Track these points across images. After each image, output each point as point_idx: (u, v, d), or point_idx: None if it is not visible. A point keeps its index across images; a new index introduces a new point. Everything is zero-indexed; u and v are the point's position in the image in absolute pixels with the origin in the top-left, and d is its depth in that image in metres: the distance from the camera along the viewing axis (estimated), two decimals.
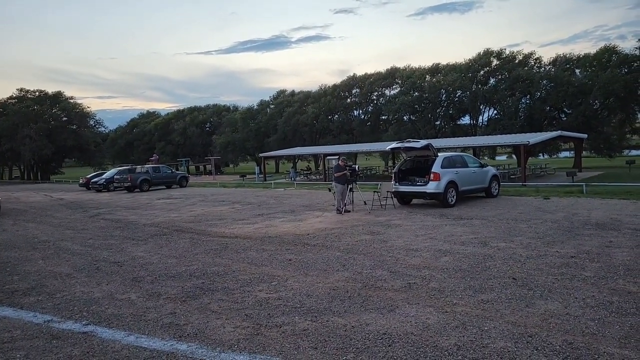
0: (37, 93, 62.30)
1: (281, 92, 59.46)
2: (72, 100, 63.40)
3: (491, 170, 15.44)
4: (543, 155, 48.77)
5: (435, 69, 45.00)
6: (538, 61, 40.53)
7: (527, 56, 40.62)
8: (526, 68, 39.03)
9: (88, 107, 67.52)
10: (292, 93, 57.68)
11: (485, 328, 4.14)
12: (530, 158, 38.72)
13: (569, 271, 5.92)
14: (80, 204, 19.54)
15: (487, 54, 40.96)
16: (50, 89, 74.24)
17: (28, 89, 62.49)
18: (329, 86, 52.91)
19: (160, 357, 3.84)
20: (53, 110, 62.19)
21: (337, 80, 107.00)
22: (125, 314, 4.95)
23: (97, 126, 67.63)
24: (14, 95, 61.85)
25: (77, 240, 10.07)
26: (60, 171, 69.77)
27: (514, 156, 45.01)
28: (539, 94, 37.81)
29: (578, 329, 4.07)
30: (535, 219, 10.30)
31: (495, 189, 15.31)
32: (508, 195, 15.80)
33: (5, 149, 58.37)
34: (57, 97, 62.81)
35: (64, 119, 62.45)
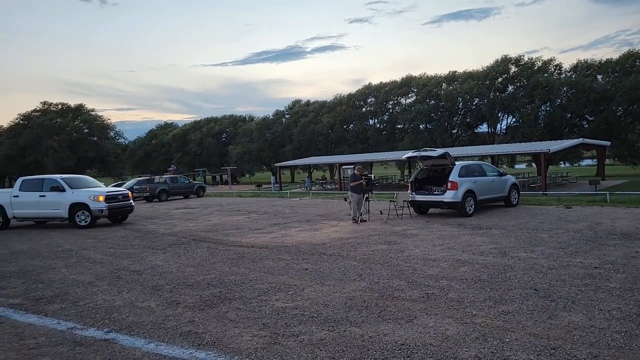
0: (59, 106, 64.07)
1: (296, 102, 59.84)
2: (93, 113, 65.08)
3: (510, 179, 15.25)
4: (564, 163, 47.96)
5: (451, 77, 44.77)
6: (558, 67, 40.04)
7: (547, 62, 40.15)
8: (546, 75, 38.54)
9: (108, 119, 68.95)
10: (307, 103, 58.01)
11: (507, 340, 4.07)
12: (550, 166, 38.16)
13: (593, 282, 5.79)
14: None
15: (505, 60, 40.60)
16: (72, 102, 76.24)
17: (51, 102, 64.32)
18: (344, 95, 53.05)
19: None
20: (75, 123, 63.79)
21: (352, 89, 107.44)
22: (145, 322, 5.01)
23: (117, 137, 69.18)
24: (38, 108, 63.74)
25: (98, 249, 10.24)
26: None
27: (533, 164, 44.33)
28: (559, 100, 37.27)
29: (603, 341, 3.98)
30: (556, 229, 10.12)
31: (515, 198, 15.10)
32: (528, 205, 15.56)
33: (29, 161, 59.94)
34: (79, 109, 64.47)
35: (86, 130, 64.02)
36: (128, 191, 16.45)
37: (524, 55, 41.03)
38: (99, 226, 14.80)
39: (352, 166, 23.48)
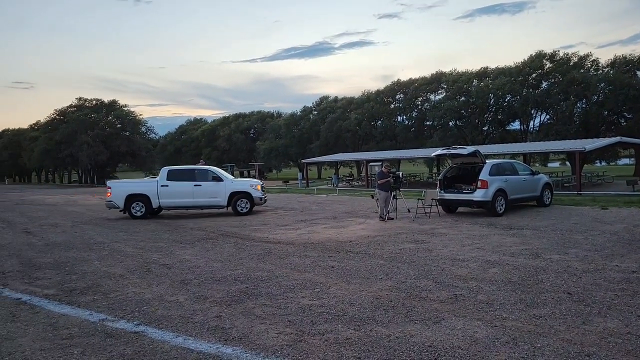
0: (94, 102, 66.02)
1: (324, 99, 59.75)
2: (125, 108, 66.79)
3: (543, 178, 14.83)
4: (600, 162, 46.31)
5: (483, 73, 43.82)
6: (595, 63, 38.58)
7: (583, 58, 38.75)
8: (582, 70, 37.23)
9: (140, 115, 70.60)
10: (335, 99, 57.85)
11: (538, 345, 3.95)
12: (585, 165, 36.91)
13: (630, 287, 5.56)
14: None
15: (540, 56, 39.40)
16: (106, 98, 78.26)
17: (86, 98, 66.30)
18: (372, 92, 52.67)
19: None
20: (108, 118, 65.64)
21: (380, 85, 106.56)
22: (173, 316, 5.09)
23: (148, 133, 70.84)
24: (74, 104, 65.83)
25: (129, 242, 10.49)
26: (114, 176, 73.22)
27: (567, 163, 42.99)
28: (595, 97, 35.99)
29: None
30: (592, 231, 9.78)
31: (548, 198, 14.68)
32: (562, 205, 15.10)
33: (65, 155, 62.04)
34: (112, 105, 66.27)
35: (118, 126, 65.78)
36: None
37: (559, 51, 39.60)
38: (128, 219, 15.17)
39: (380, 163, 23.31)
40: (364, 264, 7.31)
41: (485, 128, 43.32)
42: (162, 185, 15.37)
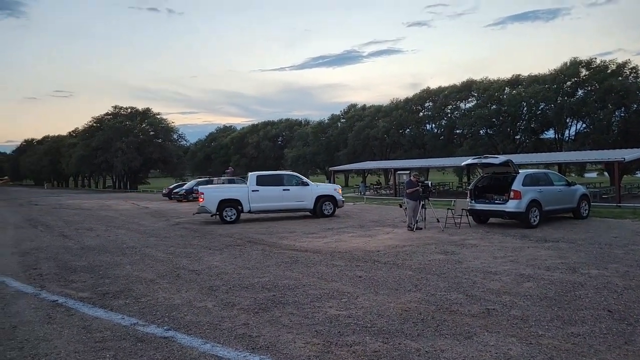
0: (129, 110, 68.07)
1: (352, 107, 59.75)
2: (158, 116, 68.49)
3: (580, 189, 14.32)
4: None
5: (515, 81, 42.92)
6: (634, 71, 37.23)
7: (621, 65, 37.44)
8: (620, 78, 35.99)
9: (172, 122, 72.34)
10: (363, 107, 57.74)
11: None
12: (625, 176, 35.56)
13: None
14: (163, 213, 20.79)
15: (575, 63, 38.32)
16: (140, 106, 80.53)
17: (121, 106, 68.44)
18: (400, 100, 52.32)
19: None
20: (142, 125, 67.46)
21: (408, 93, 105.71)
22: (202, 322, 5.12)
23: (179, 140, 72.43)
24: (110, 112, 68.07)
25: (160, 247, 10.68)
26: (147, 181, 75.14)
27: (606, 174, 41.51)
28: (635, 106, 34.71)
29: None
30: (633, 245, 9.36)
31: (585, 210, 14.16)
32: (600, 217, 14.53)
33: (100, 161, 64.14)
34: (146, 113, 68.14)
35: (151, 133, 67.52)
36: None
37: (595, 58, 38.44)
38: (160, 225, 15.46)
39: (408, 172, 23.05)
40: (392, 275, 7.20)
41: (518, 137, 42.32)
42: (252, 190, 15.92)
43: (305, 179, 17.10)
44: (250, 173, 17.07)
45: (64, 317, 5.48)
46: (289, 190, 16.27)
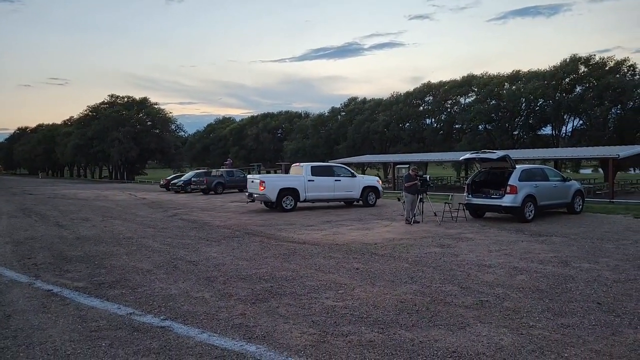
0: (125, 99, 67.60)
1: (352, 100, 59.63)
2: (156, 106, 68.08)
3: (575, 185, 14.43)
4: (634, 170, 44.71)
5: (515, 76, 42.89)
6: (632, 68, 37.27)
7: (620, 63, 37.48)
8: (618, 75, 36.06)
9: (170, 113, 71.61)
10: (364, 100, 57.64)
11: (565, 355, 3.86)
12: (619, 173, 35.71)
13: None
14: (160, 204, 20.83)
15: (574, 60, 38.32)
16: (137, 95, 79.99)
17: (118, 95, 67.94)
18: (401, 94, 52.24)
19: (230, 357, 3.98)
20: (139, 115, 67.00)
21: (409, 87, 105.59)
22: (199, 312, 5.18)
23: (177, 130, 72.08)
24: (106, 101, 67.58)
25: (157, 238, 10.73)
26: (144, 172, 74.91)
27: (600, 170, 41.69)
28: (631, 103, 34.79)
29: None
30: (624, 240, 9.46)
31: (579, 205, 14.28)
32: (593, 212, 14.66)
33: (96, 150, 63.79)
34: (143, 102, 67.69)
35: (149, 123, 67.10)
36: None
37: (594, 55, 38.43)
38: (158, 216, 15.49)
39: (407, 166, 23.12)
40: (389, 267, 7.28)
41: (516, 132, 42.40)
42: (308, 180, 16.64)
43: (352, 171, 18.09)
44: (303, 163, 18.09)
45: (58, 306, 5.52)
46: (340, 180, 17.17)
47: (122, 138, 60.63)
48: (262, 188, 16.11)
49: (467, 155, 14.20)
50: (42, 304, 5.60)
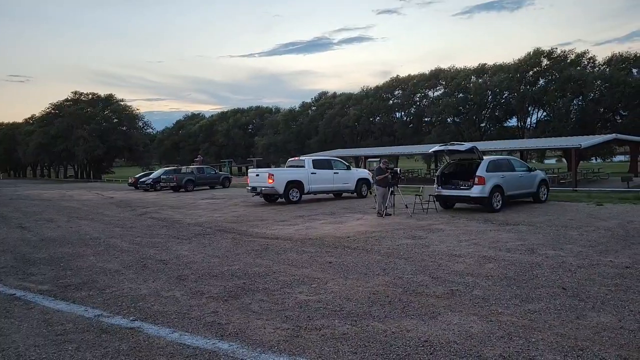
0: (90, 96, 65.60)
1: (323, 94, 59.74)
2: (122, 103, 66.48)
3: (539, 175, 14.87)
4: (596, 159, 46.50)
5: (481, 70, 43.86)
6: (592, 61, 38.73)
7: (580, 55, 38.89)
8: (579, 68, 37.36)
9: (137, 109, 70.73)
10: (334, 95, 57.84)
11: (533, 339, 3.97)
12: (581, 162, 37.04)
13: (623, 282, 5.59)
14: (128, 203, 20.34)
15: (537, 53, 39.49)
16: (103, 92, 77.73)
17: (82, 91, 65.83)
18: (370, 88, 52.70)
19: (202, 355, 3.92)
20: (105, 112, 65.24)
21: (379, 81, 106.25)
22: (170, 311, 5.09)
23: (145, 127, 70.53)
24: (69, 98, 65.38)
25: (125, 237, 10.47)
26: (111, 171, 73.06)
27: (564, 160, 43.18)
28: (592, 95, 36.14)
29: (633, 343, 3.84)
30: (586, 226, 9.82)
31: (544, 194, 14.73)
32: (557, 201, 15.15)
33: (60, 149, 61.71)
34: (109, 99, 65.90)
35: (115, 120, 65.39)
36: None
37: (556, 48, 39.89)
38: (126, 215, 15.13)
39: (378, 159, 23.30)
40: (362, 260, 7.32)
41: (483, 124, 43.43)
42: (311, 173, 17.27)
43: (347, 164, 18.85)
44: (303, 157, 18.77)
45: (22, 310, 5.31)
46: (338, 173, 17.92)
47: (88, 136, 58.84)
48: (271, 181, 16.58)
49: (437, 147, 14.43)
50: (4, 309, 5.38)
